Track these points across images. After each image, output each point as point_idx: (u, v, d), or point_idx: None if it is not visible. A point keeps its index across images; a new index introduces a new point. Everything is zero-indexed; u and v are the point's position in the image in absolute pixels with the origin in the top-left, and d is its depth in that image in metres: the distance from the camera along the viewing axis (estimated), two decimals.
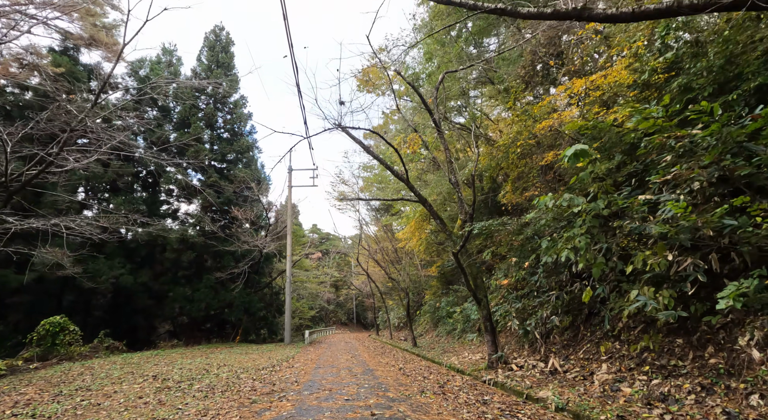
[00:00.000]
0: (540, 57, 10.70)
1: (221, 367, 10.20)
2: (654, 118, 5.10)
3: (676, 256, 5.18)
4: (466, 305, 15.65)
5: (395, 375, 8.55)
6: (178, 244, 17.93)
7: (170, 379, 8.06)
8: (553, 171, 9.93)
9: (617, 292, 6.50)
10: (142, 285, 17.24)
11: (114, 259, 16.08)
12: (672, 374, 4.93)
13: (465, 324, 15.08)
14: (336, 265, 53.40)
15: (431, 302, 22.04)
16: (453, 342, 15.62)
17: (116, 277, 15.78)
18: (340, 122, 9.75)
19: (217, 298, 19.04)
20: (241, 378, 8.25)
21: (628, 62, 7.76)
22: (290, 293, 20.91)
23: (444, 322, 18.53)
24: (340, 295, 54.60)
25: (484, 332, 8.86)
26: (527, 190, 9.95)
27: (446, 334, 17.56)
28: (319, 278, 36.95)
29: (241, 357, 13.18)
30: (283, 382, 7.64)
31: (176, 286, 18.56)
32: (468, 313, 14.26)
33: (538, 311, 9.06)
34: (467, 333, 15.02)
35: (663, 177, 5.39)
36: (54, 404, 5.64)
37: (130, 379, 8.24)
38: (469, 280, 8.82)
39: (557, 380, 6.64)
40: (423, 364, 11.32)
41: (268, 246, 19.95)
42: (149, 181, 20.83)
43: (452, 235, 9.30)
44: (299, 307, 35.08)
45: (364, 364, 10.85)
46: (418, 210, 20.05)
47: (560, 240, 6.84)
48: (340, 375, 8.47)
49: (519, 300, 10.19)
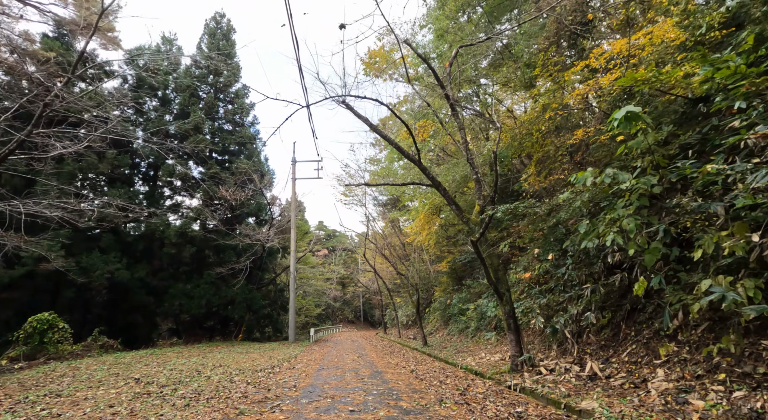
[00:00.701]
0: (566, 26, 9.62)
1: (215, 368, 9.34)
2: (734, 64, 4.06)
3: (762, 238, 4.14)
4: (480, 302, 14.66)
5: (407, 379, 7.60)
6: (178, 238, 17.16)
7: (155, 382, 7.20)
8: (581, 153, 8.88)
9: (675, 282, 5.46)
10: (140, 280, 16.47)
11: (110, 253, 15.34)
12: (763, 385, 3.91)
13: (479, 322, 14.09)
14: (342, 262, 52.61)
15: (441, 299, 21.06)
16: (466, 341, 14.64)
17: (111, 272, 15.03)
18: (346, 95, 8.80)
19: (218, 294, 18.25)
20: (235, 381, 7.36)
21: (676, 21, 6.69)
22: (294, 290, 20.07)
23: (456, 319, 17.55)
24: (347, 293, 53.82)
25: (507, 331, 7.87)
26: (552, 174, 8.91)
27: (458, 333, 16.58)
28: (325, 275, 36.12)
29: (240, 357, 12.34)
30: (280, 386, 6.73)
31: (176, 282, 17.80)
32: (483, 310, 13.26)
33: (568, 307, 8.04)
34: (482, 331, 14.04)
35: (741, 139, 4.35)
36: (5, 416, 4.78)
37: (111, 381, 7.39)
38: (490, 272, 7.83)
39: (599, 387, 5.63)
40: (436, 365, 10.36)
41: (272, 240, 19.12)
42: (150, 174, 20.10)
43: (470, 223, 8.31)
44: (305, 305, 34.30)
45: (372, 365, 9.92)
46: (428, 202, 19.10)
47: (601, 223, 5.82)
48: (345, 378, 7.55)
49: (543, 295, 9.17)
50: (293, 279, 20.01)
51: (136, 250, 17.00)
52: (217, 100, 21.38)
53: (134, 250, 16.93)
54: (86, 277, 14.24)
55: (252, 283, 20.47)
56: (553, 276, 9.43)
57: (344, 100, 8.95)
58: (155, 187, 20.25)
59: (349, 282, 53.82)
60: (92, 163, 15.49)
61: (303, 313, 35.80)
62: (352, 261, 55.76)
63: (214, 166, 18.72)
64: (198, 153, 16.57)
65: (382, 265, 34.63)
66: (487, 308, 12.70)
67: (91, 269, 14.53)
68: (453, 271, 20.96)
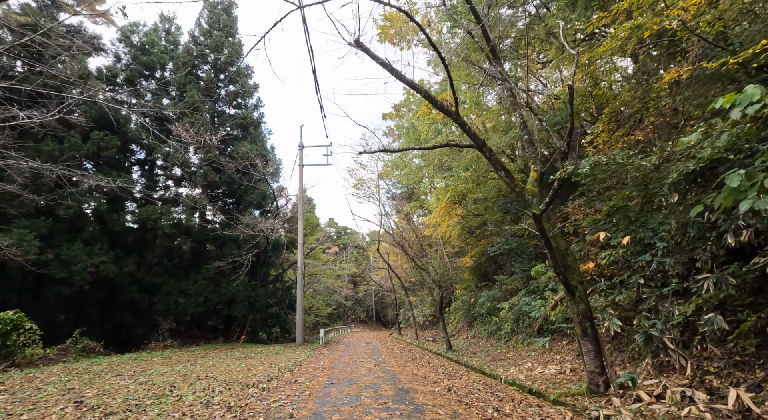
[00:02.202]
0: None
1: (197, 382, 7.44)
2: None
3: None
4: (515, 300, 12.52)
5: (447, 403, 5.56)
6: (173, 228, 15.40)
7: (103, 406, 5.31)
8: (672, 103, 6.68)
9: None
10: (130, 276, 14.77)
11: (94, 245, 13.66)
12: None
13: (516, 323, 11.97)
14: (354, 260, 50.78)
15: (464, 297, 18.93)
16: (500, 346, 12.53)
17: (96, 265, 13.33)
18: (357, 38, 6.80)
19: (218, 291, 16.46)
20: (213, 404, 5.44)
21: None
22: (302, 287, 18.18)
23: (483, 320, 15.45)
24: (359, 292, 51.92)
25: (580, 337, 5.77)
26: (633, 133, 6.74)
27: (487, 336, 14.47)
28: (336, 272, 34.26)
29: (235, 364, 10.45)
30: (270, 416, 4.78)
31: (171, 277, 16.06)
32: (524, 309, 11.13)
33: (665, 307, 5.90)
34: (519, 334, 11.92)
35: None
36: None
37: (50, 403, 5.54)
38: (557, 257, 5.72)
39: None
40: (473, 378, 8.30)
41: (277, 232, 17.27)
42: (144, 160, 18.43)
43: (524, 193, 6.22)
44: (315, 304, 32.48)
45: (394, 378, 7.90)
46: (450, 188, 17.01)
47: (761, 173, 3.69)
48: (362, 401, 5.55)
49: (616, 291, 7.03)
50: (301, 275, 18.12)
51: (126, 242, 15.28)
52: (217, 80, 19.62)
53: (123, 242, 15.23)
54: (66, 272, 12.57)
55: (256, 279, 18.65)
56: (630, 266, 7.28)
57: (358, 40, 6.96)
58: (152, 178, 18.59)
59: (361, 280, 51.95)
60: (76, 145, 13.82)
61: (313, 313, 34.01)
62: (363, 259, 53.91)
63: (213, 150, 16.93)
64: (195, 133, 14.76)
65: (396, 262, 32.59)
66: (530, 307, 10.56)
67: (72, 262, 12.85)
68: (477, 266, 18.81)
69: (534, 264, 12.43)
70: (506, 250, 13.24)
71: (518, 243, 12.84)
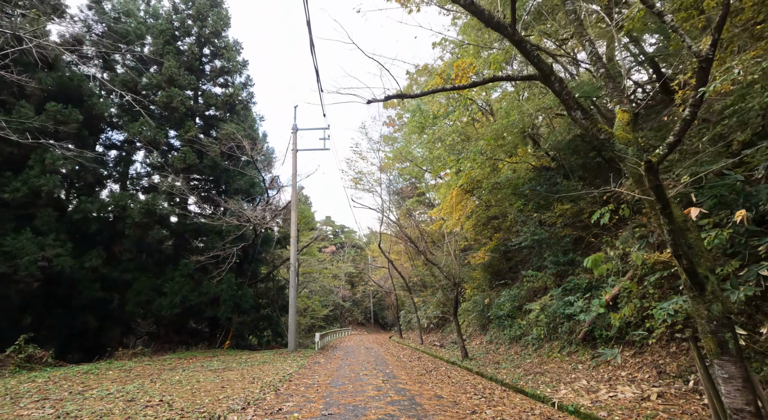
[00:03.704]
0: None
1: (143, 411, 5.36)
2: None
3: None
4: (545, 300, 10.51)
5: None
6: (144, 217, 13.23)
7: None
8: None
9: None
10: (93, 271, 12.61)
11: (47, 236, 11.51)
12: None
13: (551, 328, 9.96)
14: (351, 259, 48.70)
15: (476, 298, 16.92)
16: (527, 354, 10.53)
17: (49, 258, 11.19)
18: None
19: (199, 290, 14.31)
20: None
21: None
22: (295, 286, 16.09)
23: (502, 324, 13.45)
24: (357, 293, 49.77)
25: (714, 355, 3.73)
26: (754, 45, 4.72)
27: (509, 342, 12.47)
28: (333, 271, 32.13)
29: (209, 378, 8.36)
30: None
31: (142, 273, 13.88)
32: (561, 311, 9.12)
33: None
34: (553, 341, 9.92)
35: None
36: None
37: None
38: (676, 231, 3.68)
39: None
40: (517, 402, 6.27)
41: (267, 223, 15.17)
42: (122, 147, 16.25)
43: (613, 141, 4.19)
44: (310, 305, 30.34)
45: (414, 403, 5.85)
46: (462, 174, 15.00)
47: None
48: None
49: (730, 285, 5.04)
50: (294, 272, 16.03)
51: (87, 233, 13.09)
52: (201, 54, 17.50)
53: (84, 233, 13.01)
54: (9, 266, 10.43)
55: (243, 277, 16.51)
56: (740, 251, 5.29)
57: None
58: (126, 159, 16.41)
59: (359, 281, 49.86)
60: (26, 116, 11.67)
61: (309, 314, 31.86)
62: (361, 258, 51.85)
63: (194, 129, 14.78)
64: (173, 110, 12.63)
65: (397, 260, 30.53)
66: (572, 308, 8.53)
67: (18, 255, 10.70)
68: (491, 262, 16.80)
69: (572, 256, 10.44)
70: (534, 241, 11.23)
71: (550, 233, 10.84)
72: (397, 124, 31.57)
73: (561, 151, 13.24)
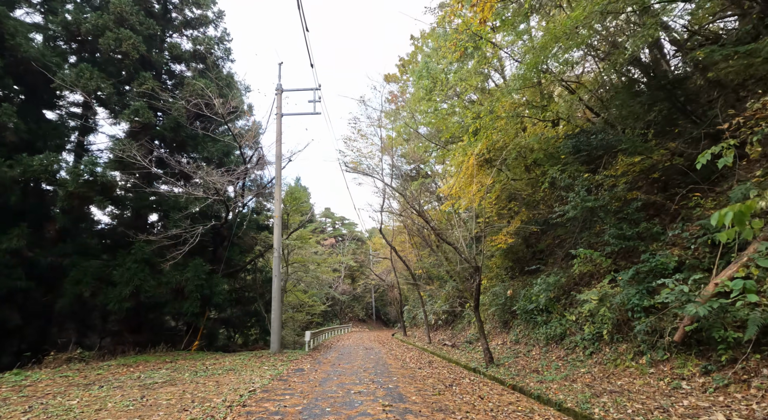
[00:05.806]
0: None
1: None
2: None
3: None
4: (606, 287, 7.67)
5: None
6: (81, 187, 10.39)
7: None
8: None
9: None
10: (14, 255, 9.85)
11: None
12: None
13: (616, 326, 7.17)
14: (352, 253, 45.99)
15: (495, 289, 14.07)
16: (579, 361, 7.73)
17: None
18: None
19: (157, 279, 11.57)
20: None
21: None
22: (279, 275, 13.34)
23: (532, 320, 10.68)
24: (357, 287, 47.03)
25: None
26: None
27: (546, 343, 9.68)
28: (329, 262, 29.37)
29: (124, 404, 5.61)
30: None
31: (82, 258, 11.10)
32: (636, 301, 6.30)
33: None
34: (621, 344, 7.11)
35: None
36: None
37: None
38: None
39: None
40: None
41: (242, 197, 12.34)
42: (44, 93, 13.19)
43: None
44: (305, 301, 27.60)
45: None
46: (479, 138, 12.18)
47: None
48: None
49: None
50: (277, 259, 13.28)
51: (6, 205, 10.24)
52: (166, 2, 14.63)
53: (1, 205, 10.15)
54: None
55: (217, 263, 13.72)
56: None
57: None
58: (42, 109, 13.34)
59: (360, 275, 47.13)
60: None
61: (305, 310, 29.13)
62: (362, 252, 49.18)
63: (150, 81, 11.93)
64: None
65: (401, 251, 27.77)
66: (660, 297, 5.68)
67: None
68: (512, 248, 13.98)
69: (644, 226, 7.60)
70: (585, 210, 8.38)
71: (610, 196, 7.97)
72: (400, 100, 28.65)
73: (611, 101, 10.38)
